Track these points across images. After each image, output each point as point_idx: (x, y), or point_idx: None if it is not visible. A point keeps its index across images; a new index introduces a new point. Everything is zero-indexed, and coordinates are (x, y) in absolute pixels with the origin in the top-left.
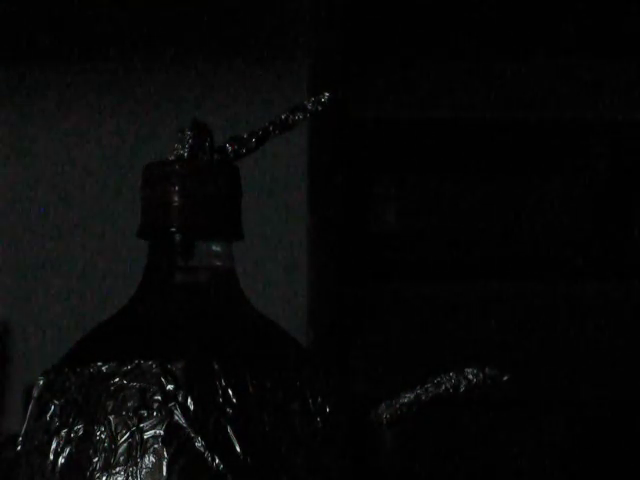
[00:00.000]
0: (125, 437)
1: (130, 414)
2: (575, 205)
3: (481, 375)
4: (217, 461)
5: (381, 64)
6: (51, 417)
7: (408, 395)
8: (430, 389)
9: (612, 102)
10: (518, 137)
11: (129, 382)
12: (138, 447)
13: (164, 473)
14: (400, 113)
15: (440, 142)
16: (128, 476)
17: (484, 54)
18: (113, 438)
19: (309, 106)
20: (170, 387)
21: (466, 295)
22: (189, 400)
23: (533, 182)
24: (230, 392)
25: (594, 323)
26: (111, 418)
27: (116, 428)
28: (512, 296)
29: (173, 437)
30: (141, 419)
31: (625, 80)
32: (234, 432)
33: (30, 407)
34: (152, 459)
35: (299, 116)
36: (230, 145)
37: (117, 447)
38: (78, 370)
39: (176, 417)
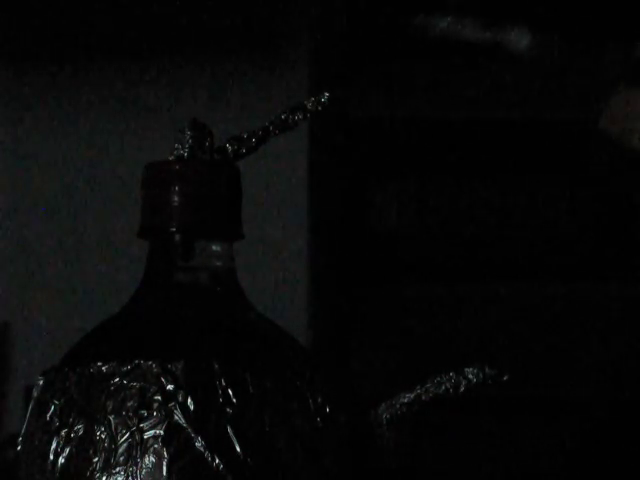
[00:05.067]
0: (125, 437)
1: (130, 414)
2: (575, 205)
3: (481, 375)
4: (217, 461)
5: (380, 64)
6: (51, 417)
7: (408, 395)
8: (430, 389)
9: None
10: (518, 137)
11: (129, 382)
12: (138, 447)
13: (164, 473)
14: (400, 113)
15: (440, 142)
16: (128, 476)
17: (484, 54)
18: (113, 438)
19: (309, 106)
20: (170, 387)
21: (466, 295)
22: (189, 400)
23: (533, 182)
24: (230, 392)
25: (594, 323)
26: (111, 418)
27: (116, 428)
28: (512, 296)
29: (173, 437)
30: (141, 419)
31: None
32: (234, 432)
33: (30, 407)
34: (152, 459)
35: (299, 116)
36: (230, 145)
37: (117, 447)
38: (78, 370)
39: (176, 417)
